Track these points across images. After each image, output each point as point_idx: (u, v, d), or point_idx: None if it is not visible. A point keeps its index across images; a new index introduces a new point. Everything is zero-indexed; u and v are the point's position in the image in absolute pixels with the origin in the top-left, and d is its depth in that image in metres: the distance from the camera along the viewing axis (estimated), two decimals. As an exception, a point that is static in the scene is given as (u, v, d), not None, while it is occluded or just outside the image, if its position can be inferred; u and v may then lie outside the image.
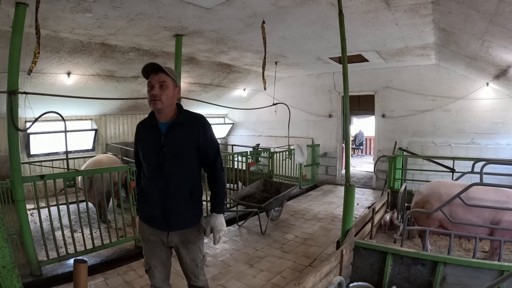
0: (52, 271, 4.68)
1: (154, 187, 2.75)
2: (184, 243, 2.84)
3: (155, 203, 2.75)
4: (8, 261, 1.24)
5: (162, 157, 2.69)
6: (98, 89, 8.30)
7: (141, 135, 2.85)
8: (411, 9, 4.95)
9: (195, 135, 2.73)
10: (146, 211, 2.85)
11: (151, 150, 2.75)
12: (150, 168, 2.78)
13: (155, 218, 2.77)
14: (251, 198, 6.79)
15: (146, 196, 2.84)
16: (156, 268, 2.88)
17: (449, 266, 3.81)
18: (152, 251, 2.86)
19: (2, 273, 1.22)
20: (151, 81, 2.64)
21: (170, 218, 2.74)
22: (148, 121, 2.80)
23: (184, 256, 2.88)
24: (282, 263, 5.08)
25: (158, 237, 2.81)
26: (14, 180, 4.44)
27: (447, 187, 5.03)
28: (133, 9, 4.81)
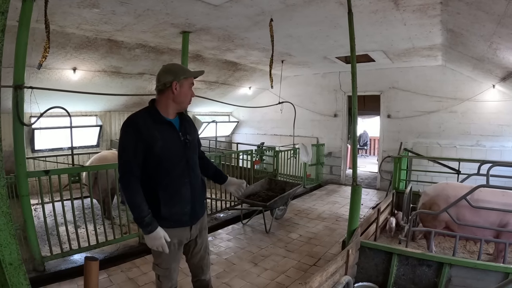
0: (55, 267, 4.68)
1: (184, 184, 2.74)
2: (200, 231, 2.96)
3: (186, 198, 2.74)
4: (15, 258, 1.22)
5: (187, 153, 2.76)
6: (103, 85, 8.33)
7: (152, 133, 2.59)
8: (419, 9, 4.92)
9: (195, 129, 2.97)
10: (177, 213, 2.72)
11: (175, 148, 2.71)
12: (175, 165, 2.71)
13: (184, 215, 2.75)
14: (256, 196, 6.77)
15: (174, 195, 2.70)
16: (175, 270, 2.88)
17: (455, 267, 3.80)
18: (175, 254, 2.81)
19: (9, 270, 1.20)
20: (193, 82, 2.78)
21: (196, 209, 2.83)
22: (156, 117, 2.67)
23: (200, 245, 2.97)
24: (286, 262, 5.07)
25: (184, 236, 2.81)
26: (19, 175, 4.43)
27: (454, 189, 5.02)
28: (140, 5, 4.80)
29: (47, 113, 5.16)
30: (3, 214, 1.22)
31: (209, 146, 13.02)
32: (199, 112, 13.22)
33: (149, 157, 2.60)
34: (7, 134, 8.45)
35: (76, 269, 4.69)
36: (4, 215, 1.22)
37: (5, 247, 1.19)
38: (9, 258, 1.19)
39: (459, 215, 4.76)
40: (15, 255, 1.22)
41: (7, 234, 1.19)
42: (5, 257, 1.20)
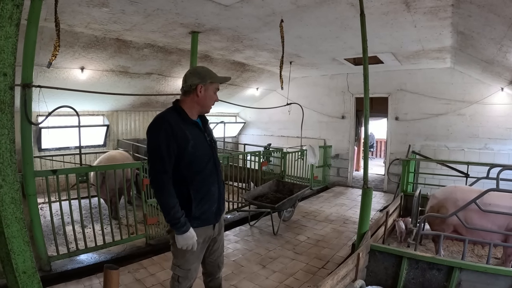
0: (61, 267, 4.66)
1: (213, 182, 2.82)
2: (220, 228, 3.04)
3: (215, 197, 2.83)
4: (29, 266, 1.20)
5: (213, 152, 2.86)
6: (111, 85, 8.35)
7: (185, 133, 2.63)
8: (430, 11, 4.91)
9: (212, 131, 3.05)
10: (205, 209, 2.77)
11: (204, 148, 2.77)
12: (205, 166, 2.76)
13: (211, 214, 2.81)
14: (263, 198, 6.76)
15: (205, 194, 2.75)
16: (196, 270, 2.92)
17: (465, 271, 3.78)
18: (199, 254, 2.86)
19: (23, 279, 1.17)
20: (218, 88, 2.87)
21: (221, 207, 2.92)
22: (184, 117, 2.72)
23: (219, 241, 3.05)
24: (294, 264, 5.04)
25: (209, 234, 2.87)
26: (26, 174, 4.42)
27: (463, 193, 4.98)
28: (150, 4, 4.80)
29: (54, 112, 5.15)
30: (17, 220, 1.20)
31: (216, 147, 13.05)
32: (206, 112, 13.13)
33: (181, 157, 2.62)
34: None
35: (83, 269, 4.70)
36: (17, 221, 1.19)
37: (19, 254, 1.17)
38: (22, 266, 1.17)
39: (467, 218, 4.72)
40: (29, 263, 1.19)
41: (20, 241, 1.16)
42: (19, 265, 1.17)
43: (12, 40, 1.14)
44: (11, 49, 1.12)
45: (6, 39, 1.10)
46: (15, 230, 1.18)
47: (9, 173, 1.16)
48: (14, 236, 1.19)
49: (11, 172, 1.16)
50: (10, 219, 1.17)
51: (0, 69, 1.09)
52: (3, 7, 1.08)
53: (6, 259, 1.18)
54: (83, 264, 4.82)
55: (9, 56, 1.13)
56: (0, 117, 1.13)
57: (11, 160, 1.18)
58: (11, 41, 1.13)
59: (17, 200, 1.23)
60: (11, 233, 1.17)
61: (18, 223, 1.18)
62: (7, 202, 1.16)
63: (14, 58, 1.13)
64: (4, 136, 1.13)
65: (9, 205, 1.18)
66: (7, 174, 1.14)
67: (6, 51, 1.11)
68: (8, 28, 1.10)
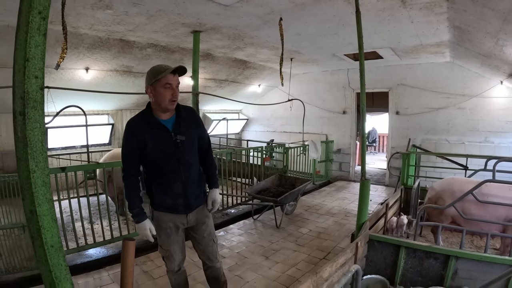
0: (71, 261, 4.78)
1: (175, 179, 2.97)
2: (201, 219, 3.20)
3: (177, 193, 2.99)
4: (56, 241, 1.35)
5: (178, 152, 2.93)
6: (115, 84, 8.48)
7: (143, 137, 2.85)
8: (426, 7, 5.00)
9: (196, 128, 3.12)
10: (168, 202, 3.01)
11: (166, 148, 2.91)
12: (164, 165, 2.94)
13: (177, 205, 3.02)
14: (266, 192, 6.87)
15: (166, 189, 2.99)
16: (176, 252, 3.15)
17: (461, 260, 3.86)
18: (172, 238, 3.10)
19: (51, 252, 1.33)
20: (171, 82, 2.80)
21: (190, 200, 3.05)
22: (149, 120, 2.90)
23: (203, 231, 3.22)
24: (297, 255, 5.17)
25: (179, 221, 3.08)
26: (36, 172, 4.56)
27: (460, 184, 5.08)
28: (153, 6, 4.93)
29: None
30: (46, 200, 1.35)
31: (219, 143, 13.13)
32: (209, 110, 13.32)
33: (144, 156, 2.90)
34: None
35: (92, 263, 4.83)
36: (47, 202, 1.35)
37: (48, 230, 1.32)
38: (50, 240, 1.32)
39: (465, 209, 4.81)
40: (56, 238, 1.35)
41: (49, 219, 1.32)
42: (48, 240, 1.32)
43: (41, 48, 1.29)
44: (40, 55, 1.27)
45: (36, 47, 1.26)
46: (45, 209, 1.34)
47: (41, 160, 1.33)
48: (45, 214, 1.35)
49: (42, 159, 1.33)
50: (41, 199, 1.33)
51: (32, 73, 1.24)
52: (32, 19, 1.23)
53: (36, 234, 1.34)
54: (92, 258, 4.96)
55: (39, 62, 1.28)
56: (33, 113, 1.28)
57: (42, 149, 1.35)
58: (40, 48, 1.28)
59: (47, 183, 1.41)
60: (42, 211, 1.33)
61: (48, 203, 1.34)
62: (39, 185, 1.32)
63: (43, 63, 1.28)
64: (36, 130, 1.30)
65: (41, 187, 1.35)
66: (39, 161, 1.31)
67: (36, 57, 1.27)
68: (37, 37, 1.25)
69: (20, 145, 1.34)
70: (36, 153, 1.32)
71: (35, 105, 1.31)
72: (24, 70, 1.27)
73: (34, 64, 1.26)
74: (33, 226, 1.36)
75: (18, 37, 1.28)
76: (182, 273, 3.34)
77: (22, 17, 1.28)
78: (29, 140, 1.32)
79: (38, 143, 1.35)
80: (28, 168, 1.33)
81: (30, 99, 1.30)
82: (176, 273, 3.26)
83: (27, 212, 1.38)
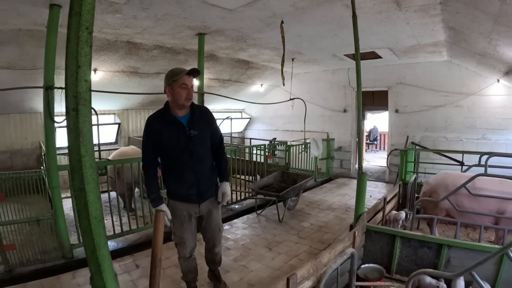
0: (82, 254, 4.98)
1: (188, 170, 3.32)
2: (211, 210, 3.57)
3: (191, 183, 3.35)
4: (98, 214, 1.61)
5: (192, 146, 3.28)
6: (122, 85, 8.71)
7: (161, 131, 3.23)
8: (421, 9, 5.16)
9: (209, 125, 3.48)
10: (183, 192, 3.37)
11: (180, 142, 3.26)
12: (179, 157, 3.29)
13: (191, 195, 3.37)
14: (269, 188, 7.09)
15: (181, 180, 3.35)
16: (188, 239, 3.52)
17: (453, 249, 4.09)
18: (185, 225, 3.46)
19: (94, 223, 1.58)
20: (187, 82, 3.18)
21: (203, 191, 3.43)
22: (166, 117, 3.27)
23: (212, 221, 3.61)
24: (298, 247, 5.41)
25: (192, 210, 3.45)
26: (51, 168, 4.84)
27: (454, 178, 5.30)
28: (160, 10, 5.16)
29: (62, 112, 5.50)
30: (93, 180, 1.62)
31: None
32: (213, 109, 13.30)
33: (161, 149, 3.27)
34: (29, 133, 8.91)
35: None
36: (93, 181, 1.62)
37: (93, 204, 1.58)
38: (94, 213, 1.58)
39: (458, 202, 5.03)
40: (98, 212, 1.61)
41: (94, 195, 1.58)
42: (92, 212, 1.59)
43: (88, 57, 1.55)
44: (88, 63, 1.53)
45: (85, 57, 1.53)
46: (91, 187, 1.62)
47: (89, 147, 1.61)
48: (91, 191, 1.62)
49: (90, 146, 1.61)
50: (89, 179, 1.61)
51: (83, 77, 1.50)
52: (81, 34, 1.50)
53: (83, 208, 1.60)
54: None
55: (87, 68, 1.55)
56: (84, 110, 1.54)
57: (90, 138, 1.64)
58: (88, 57, 1.55)
59: (93, 166, 1.72)
60: (89, 189, 1.60)
61: (93, 182, 1.62)
62: (87, 167, 1.60)
63: (90, 69, 1.54)
64: (86, 122, 1.57)
65: (89, 169, 1.63)
66: (88, 148, 1.59)
67: (86, 64, 1.53)
68: (85, 49, 1.52)
69: (73, 135, 1.60)
70: (86, 141, 1.58)
71: (85, 103, 1.56)
72: (76, 75, 1.52)
73: (84, 70, 1.52)
74: (81, 201, 1.63)
75: (69, 48, 1.54)
76: (192, 260, 3.69)
77: (72, 32, 1.54)
78: (80, 131, 1.58)
79: (87, 133, 1.61)
80: (79, 153, 1.60)
81: (81, 98, 1.56)
82: (188, 259, 3.60)
83: (76, 190, 1.66)
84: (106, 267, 1.72)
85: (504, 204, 4.85)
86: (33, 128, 9.19)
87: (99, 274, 1.72)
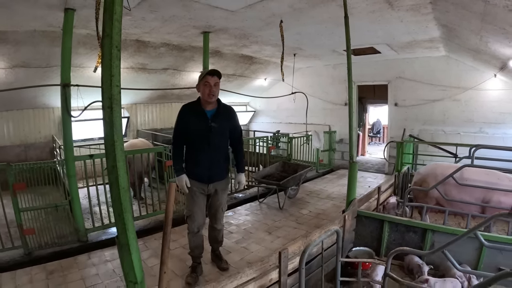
0: (96, 238, 5.51)
1: (204, 155, 3.98)
2: (217, 191, 4.17)
3: (203, 166, 4.00)
4: (125, 185, 2.04)
5: (210, 135, 3.92)
6: (131, 80, 9.05)
7: (189, 119, 3.96)
8: (412, 8, 5.41)
9: (229, 121, 4.12)
10: (197, 171, 4.03)
11: (201, 130, 3.90)
12: (199, 143, 3.96)
13: (203, 175, 4.03)
14: (271, 177, 7.47)
15: (197, 162, 4.01)
16: (197, 214, 4.10)
17: (437, 233, 4.44)
18: (195, 200, 4.08)
19: (122, 192, 1.97)
20: (209, 81, 3.81)
21: (212, 174, 4.06)
22: (196, 108, 3.96)
23: (216, 200, 4.22)
24: (296, 232, 5.78)
25: (202, 188, 4.07)
26: (68, 158, 5.30)
27: (443, 169, 5.59)
28: (167, 12, 5.54)
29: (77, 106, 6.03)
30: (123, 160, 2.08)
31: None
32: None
33: (186, 134, 3.96)
34: (42, 128, 9.34)
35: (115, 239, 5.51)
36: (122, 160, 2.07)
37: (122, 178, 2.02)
38: (123, 184, 2.00)
39: (447, 192, 5.34)
40: (126, 183, 2.05)
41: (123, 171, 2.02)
42: (121, 183, 2.02)
43: (118, 68, 2.00)
44: (118, 72, 1.98)
45: (116, 68, 1.98)
46: (122, 165, 2.06)
47: (119, 135, 2.05)
48: (121, 168, 2.06)
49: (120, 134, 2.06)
50: (119, 158, 2.05)
51: (115, 83, 1.96)
52: (113, 51, 1.94)
53: (115, 181, 2.04)
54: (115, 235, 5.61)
55: (118, 76, 1.99)
56: (116, 107, 1.99)
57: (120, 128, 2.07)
58: (118, 68, 2.00)
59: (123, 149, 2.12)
60: (120, 166, 2.04)
61: (122, 161, 2.07)
62: (118, 149, 2.03)
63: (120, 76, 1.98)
64: (117, 117, 2.02)
65: (119, 151, 2.06)
66: (119, 136, 2.03)
67: (116, 74, 1.99)
68: (116, 62, 1.96)
69: (108, 126, 2.02)
70: (117, 130, 2.01)
71: (117, 102, 1.99)
72: (110, 82, 1.96)
73: (116, 78, 1.97)
74: (113, 175, 2.06)
75: (104, 62, 1.98)
76: (200, 236, 4.25)
77: (106, 50, 1.97)
78: (114, 123, 2.01)
79: (118, 125, 2.04)
80: (113, 139, 2.02)
81: (114, 99, 1.99)
82: (196, 234, 4.16)
83: (109, 167, 2.09)
84: (129, 227, 2.13)
85: (489, 194, 5.12)
86: (46, 122, 9.65)
87: (124, 233, 2.13)
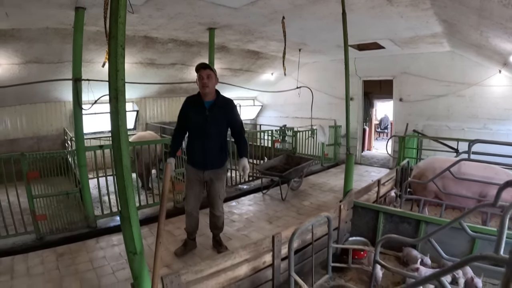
0: (105, 224, 5.78)
1: (199, 143, 4.28)
2: (212, 179, 4.46)
3: (199, 153, 4.32)
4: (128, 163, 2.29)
5: (205, 125, 4.18)
6: (140, 75, 9.28)
7: (189, 108, 4.31)
8: (411, 4, 5.47)
9: (227, 113, 4.31)
10: (193, 158, 4.40)
11: (198, 119, 4.18)
12: (195, 131, 4.28)
13: (198, 162, 4.38)
14: (274, 169, 7.63)
15: (193, 149, 4.35)
16: (191, 197, 4.52)
17: (431, 225, 4.51)
18: (191, 184, 4.48)
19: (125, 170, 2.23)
20: (202, 74, 4.10)
21: (207, 162, 4.36)
22: (196, 99, 4.26)
23: (212, 189, 4.52)
24: (296, 221, 5.92)
25: (197, 174, 4.42)
26: (79, 148, 5.60)
27: (441, 162, 5.66)
28: (173, 10, 5.74)
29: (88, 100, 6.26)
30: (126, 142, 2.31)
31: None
32: (226, 97, 13.84)
33: (186, 123, 4.33)
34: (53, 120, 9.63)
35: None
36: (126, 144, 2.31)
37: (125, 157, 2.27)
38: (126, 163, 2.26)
39: (445, 185, 5.44)
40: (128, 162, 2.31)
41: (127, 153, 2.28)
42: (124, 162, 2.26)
43: (123, 64, 2.22)
44: (123, 68, 2.21)
45: (120, 64, 2.19)
46: (125, 148, 2.29)
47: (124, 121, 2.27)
48: (124, 149, 2.28)
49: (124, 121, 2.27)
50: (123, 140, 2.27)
51: (120, 77, 2.18)
52: (118, 50, 2.16)
53: (119, 160, 2.27)
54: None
55: (122, 71, 2.22)
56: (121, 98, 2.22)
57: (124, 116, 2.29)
58: (122, 64, 2.22)
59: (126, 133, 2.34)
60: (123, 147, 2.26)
61: (126, 144, 2.30)
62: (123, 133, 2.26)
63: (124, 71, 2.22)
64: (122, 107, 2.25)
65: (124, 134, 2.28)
66: (123, 122, 2.25)
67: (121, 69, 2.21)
68: (121, 59, 2.19)
69: (114, 114, 2.25)
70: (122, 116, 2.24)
71: (122, 94, 2.22)
72: (116, 76, 2.17)
73: (121, 72, 2.19)
74: (118, 155, 2.28)
75: (111, 59, 2.21)
76: (194, 217, 4.63)
77: (112, 49, 2.19)
78: (119, 111, 2.23)
79: (123, 113, 2.27)
80: (118, 125, 2.24)
81: (120, 90, 2.20)
82: (190, 215, 4.60)
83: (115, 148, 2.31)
84: (131, 202, 2.33)
85: (486, 188, 5.17)
86: (58, 115, 9.97)
87: (126, 208, 2.33)
